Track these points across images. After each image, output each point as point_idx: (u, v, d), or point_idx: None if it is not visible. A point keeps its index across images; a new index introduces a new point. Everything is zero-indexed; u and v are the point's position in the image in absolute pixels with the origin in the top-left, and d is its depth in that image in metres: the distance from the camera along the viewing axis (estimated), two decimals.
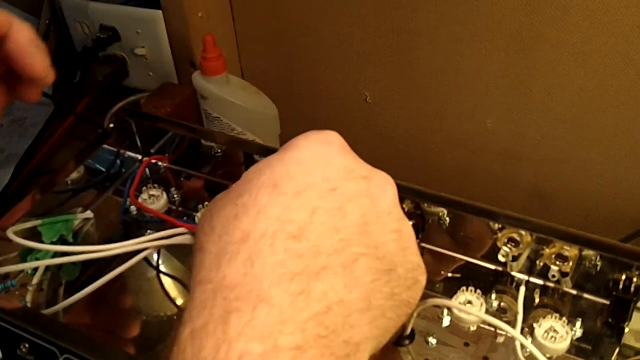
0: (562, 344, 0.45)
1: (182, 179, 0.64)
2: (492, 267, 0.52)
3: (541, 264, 0.49)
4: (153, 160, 0.63)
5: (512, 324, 0.46)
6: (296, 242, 0.26)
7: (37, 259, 0.51)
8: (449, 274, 0.52)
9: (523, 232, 0.49)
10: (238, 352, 0.23)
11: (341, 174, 0.30)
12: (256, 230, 0.27)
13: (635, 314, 0.46)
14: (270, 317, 0.24)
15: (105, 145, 0.64)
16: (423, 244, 0.54)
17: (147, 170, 0.63)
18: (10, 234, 0.52)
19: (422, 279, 0.31)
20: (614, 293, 0.46)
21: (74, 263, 0.53)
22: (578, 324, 0.46)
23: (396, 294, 0.29)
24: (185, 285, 0.53)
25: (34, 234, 0.53)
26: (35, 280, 0.51)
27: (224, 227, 0.28)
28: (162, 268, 0.55)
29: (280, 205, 0.28)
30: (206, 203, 0.57)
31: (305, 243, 0.27)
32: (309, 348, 0.24)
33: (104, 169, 0.63)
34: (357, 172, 0.30)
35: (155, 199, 0.58)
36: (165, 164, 0.64)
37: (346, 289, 0.26)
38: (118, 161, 0.64)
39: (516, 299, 0.48)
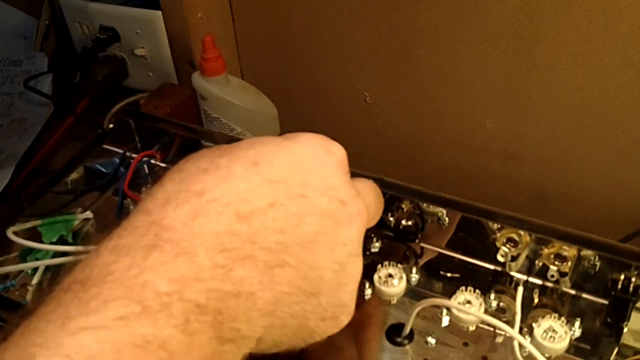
0: (561, 344, 0.45)
1: None
2: (491, 267, 0.52)
3: (540, 264, 0.49)
4: (145, 158, 0.63)
5: (511, 323, 0.46)
6: (239, 222, 0.27)
7: (37, 259, 0.52)
8: (448, 274, 0.52)
9: (522, 232, 0.49)
10: (144, 280, 0.24)
11: (321, 186, 0.30)
12: (213, 192, 0.27)
13: (634, 314, 0.46)
14: (187, 270, 0.25)
15: (105, 146, 0.64)
16: (423, 244, 0.54)
17: (146, 169, 0.63)
18: (10, 234, 0.52)
19: (344, 319, 0.31)
20: (613, 293, 0.46)
21: None
22: (577, 323, 0.46)
23: (306, 318, 0.29)
24: None
25: (34, 234, 0.53)
26: (35, 280, 0.51)
27: (190, 174, 0.29)
28: None
29: (248, 183, 0.28)
30: None
31: (246, 227, 0.27)
32: (207, 313, 0.25)
33: (103, 169, 0.63)
34: (336, 192, 0.30)
35: None
36: (158, 162, 0.64)
37: (260, 285, 0.27)
38: (117, 161, 0.64)
39: (515, 299, 0.48)
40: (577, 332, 0.46)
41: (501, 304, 0.49)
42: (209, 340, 0.25)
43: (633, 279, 0.46)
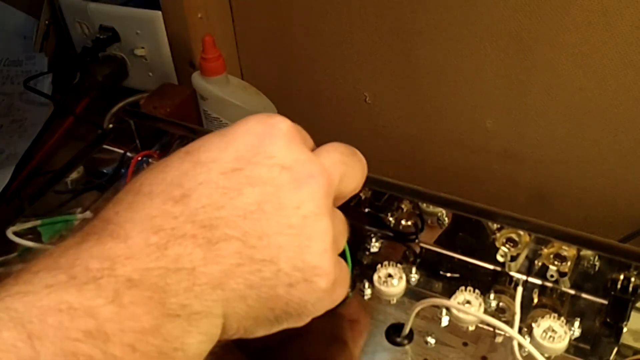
0: (560, 344, 0.45)
1: None
2: (491, 267, 0.52)
3: (540, 264, 0.49)
4: (144, 157, 0.63)
5: (510, 323, 0.46)
6: (174, 204, 0.28)
7: None
8: (448, 274, 0.52)
9: (521, 232, 0.49)
10: (76, 258, 0.26)
11: (259, 157, 0.30)
12: (149, 186, 0.29)
13: (633, 314, 0.46)
14: (118, 250, 0.26)
15: (105, 146, 0.64)
16: (423, 244, 0.54)
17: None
18: (10, 234, 0.52)
19: (318, 280, 0.30)
20: (612, 293, 0.46)
21: None
22: (576, 323, 0.46)
23: (269, 287, 0.29)
24: None
25: (34, 234, 0.53)
26: None
27: (136, 177, 0.30)
28: None
29: (179, 171, 0.29)
30: None
31: (182, 208, 0.28)
32: (143, 289, 0.26)
33: (103, 170, 0.63)
34: (276, 160, 0.30)
35: None
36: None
37: (203, 261, 0.27)
38: (117, 162, 0.64)
39: (515, 299, 0.48)
40: (577, 332, 0.46)
41: (501, 304, 0.49)
42: (146, 313, 0.25)
43: (632, 279, 0.46)
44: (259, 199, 0.29)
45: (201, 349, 0.28)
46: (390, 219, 0.54)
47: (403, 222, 0.55)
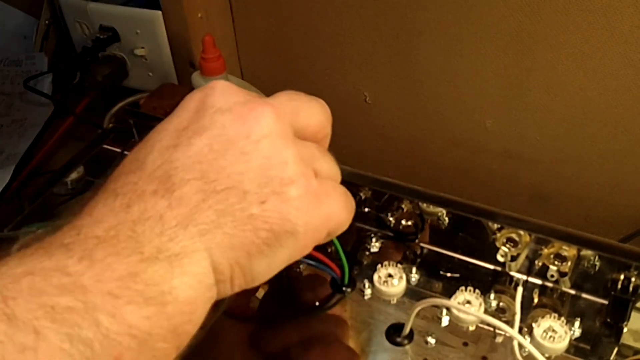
0: (560, 344, 0.45)
1: None
2: (491, 267, 0.52)
3: (540, 264, 0.49)
4: None
5: (511, 323, 0.46)
6: (131, 175, 0.29)
7: None
8: (448, 274, 0.52)
9: (522, 232, 0.49)
10: (47, 239, 0.27)
11: (200, 113, 0.31)
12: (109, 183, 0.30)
13: (633, 314, 0.46)
14: (84, 221, 0.28)
15: (105, 146, 0.64)
16: (423, 244, 0.54)
17: None
18: (8, 233, 0.52)
19: (288, 189, 0.30)
20: (613, 293, 0.46)
21: None
22: (577, 323, 0.46)
23: (239, 209, 0.29)
24: None
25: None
26: None
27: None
28: None
29: (133, 156, 0.31)
30: None
31: (139, 174, 0.29)
32: (114, 242, 0.26)
33: (103, 170, 0.63)
34: (217, 108, 0.31)
35: None
36: None
37: (169, 207, 0.28)
38: (117, 162, 0.64)
39: (515, 299, 0.48)
40: (577, 332, 0.46)
41: (501, 304, 0.49)
42: (121, 262, 0.26)
43: (633, 279, 0.46)
44: (208, 142, 0.30)
45: (192, 294, 0.27)
46: (390, 219, 0.54)
47: (403, 222, 0.55)
